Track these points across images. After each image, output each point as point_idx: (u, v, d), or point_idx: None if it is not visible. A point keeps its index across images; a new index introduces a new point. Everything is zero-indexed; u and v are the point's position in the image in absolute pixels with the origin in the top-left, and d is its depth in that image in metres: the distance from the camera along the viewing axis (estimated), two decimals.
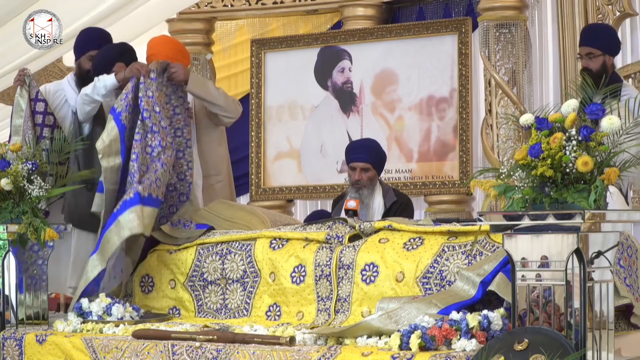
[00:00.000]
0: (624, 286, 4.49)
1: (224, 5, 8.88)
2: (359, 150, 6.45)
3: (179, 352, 4.54)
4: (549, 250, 3.74)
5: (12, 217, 5.34)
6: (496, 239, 4.56)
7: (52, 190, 5.49)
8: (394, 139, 8.20)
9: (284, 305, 5.08)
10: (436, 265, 4.69)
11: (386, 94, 8.26)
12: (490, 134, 7.65)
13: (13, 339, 5.11)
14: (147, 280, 5.57)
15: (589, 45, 6.10)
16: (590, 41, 6.11)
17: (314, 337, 4.44)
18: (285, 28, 9.02)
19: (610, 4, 7.47)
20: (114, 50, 6.21)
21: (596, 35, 6.18)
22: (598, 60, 6.06)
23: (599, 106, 3.83)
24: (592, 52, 6.07)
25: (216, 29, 9.11)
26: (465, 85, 7.87)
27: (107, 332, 4.99)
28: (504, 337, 3.80)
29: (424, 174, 8.07)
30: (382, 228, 5.01)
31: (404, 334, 4.07)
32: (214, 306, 5.33)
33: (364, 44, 8.31)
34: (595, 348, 3.72)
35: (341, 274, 4.92)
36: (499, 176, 3.97)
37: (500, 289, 4.21)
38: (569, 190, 3.76)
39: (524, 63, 7.49)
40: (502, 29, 7.56)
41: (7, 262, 5.36)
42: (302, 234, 5.20)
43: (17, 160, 5.40)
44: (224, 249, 5.38)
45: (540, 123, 3.85)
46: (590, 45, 6.10)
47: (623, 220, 3.89)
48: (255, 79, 8.68)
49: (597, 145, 3.78)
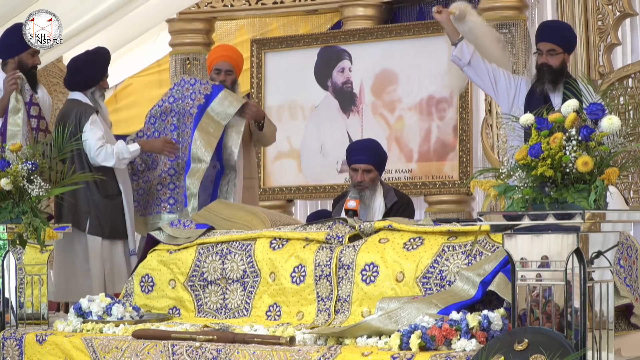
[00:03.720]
0: (624, 286, 4.49)
1: (224, 5, 8.89)
2: (360, 151, 6.44)
3: (179, 352, 4.54)
4: (549, 250, 3.74)
5: (12, 217, 5.34)
6: (496, 239, 4.56)
7: (52, 190, 5.49)
8: (394, 139, 8.20)
9: (284, 305, 5.07)
10: (436, 265, 4.69)
11: (386, 94, 8.26)
12: (490, 134, 7.65)
13: (13, 339, 5.11)
14: (147, 280, 5.57)
15: (552, 42, 6.07)
16: (554, 38, 6.08)
17: (314, 337, 4.44)
18: (285, 28, 9.03)
19: (610, 4, 7.47)
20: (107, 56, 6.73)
21: (560, 33, 6.15)
22: (559, 58, 6.05)
23: (599, 106, 3.82)
24: (555, 49, 6.05)
25: (216, 29, 9.12)
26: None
27: (107, 332, 4.99)
28: (504, 337, 3.80)
29: (424, 174, 8.08)
30: (382, 228, 5.01)
31: (404, 334, 4.07)
32: (214, 306, 5.33)
33: (364, 44, 8.32)
34: (595, 348, 3.72)
35: (341, 274, 4.92)
36: (499, 176, 3.97)
37: (500, 289, 4.21)
38: (569, 190, 3.76)
39: (524, 63, 7.49)
40: (502, 29, 7.56)
41: (7, 262, 5.36)
42: (302, 234, 5.19)
43: (17, 160, 5.40)
44: (224, 249, 5.38)
45: (540, 123, 3.85)
46: (553, 42, 6.06)
47: (623, 220, 3.89)
48: (255, 79, 8.68)
49: (597, 145, 3.78)
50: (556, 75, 5.98)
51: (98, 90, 6.62)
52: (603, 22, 7.47)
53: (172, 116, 6.74)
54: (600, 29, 7.39)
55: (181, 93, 6.75)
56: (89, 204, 6.40)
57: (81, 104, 6.53)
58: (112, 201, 6.45)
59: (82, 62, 6.64)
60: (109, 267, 6.43)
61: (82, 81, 6.58)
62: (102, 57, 6.69)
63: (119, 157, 6.39)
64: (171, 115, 6.74)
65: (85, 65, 6.61)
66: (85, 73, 6.58)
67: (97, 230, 6.40)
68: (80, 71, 6.60)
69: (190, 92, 6.71)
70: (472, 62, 6.10)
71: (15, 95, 6.26)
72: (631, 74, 7.42)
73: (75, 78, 6.62)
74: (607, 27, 7.42)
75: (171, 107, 6.75)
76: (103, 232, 6.42)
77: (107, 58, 6.73)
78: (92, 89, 6.58)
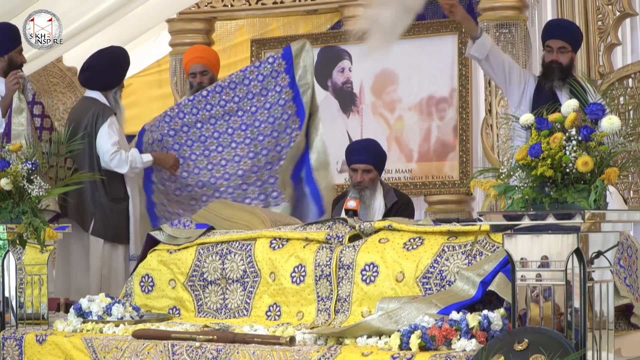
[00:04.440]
0: (624, 286, 4.49)
1: (224, 5, 8.88)
2: (360, 151, 6.45)
3: (179, 352, 4.54)
4: (549, 250, 3.74)
5: (12, 217, 5.34)
6: (496, 239, 4.56)
7: (52, 191, 5.49)
8: (394, 139, 8.20)
9: (284, 305, 5.07)
10: (436, 265, 4.69)
11: (386, 94, 8.26)
12: (490, 134, 7.64)
13: (13, 339, 5.11)
14: (147, 280, 5.57)
15: (563, 39, 6.14)
16: (565, 36, 6.16)
17: (314, 337, 4.44)
18: (285, 28, 9.02)
19: (610, 4, 7.47)
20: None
21: (571, 31, 6.24)
22: (568, 56, 6.15)
23: (599, 106, 3.83)
24: (565, 46, 6.13)
25: (216, 29, 9.11)
26: (465, 85, 7.88)
27: (107, 332, 4.99)
28: (504, 337, 3.80)
29: (424, 174, 8.08)
30: (382, 228, 5.01)
31: (404, 334, 4.07)
32: (214, 306, 5.33)
33: (364, 44, 8.31)
34: (595, 348, 3.72)
35: (341, 274, 4.92)
36: (499, 176, 3.97)
37: (500, 289, 4.21)
38: (569, 190, 3.76)
39: (524, 63, 7.48)
40: (502, 29, 7.56)
41: (7, 262, 5.36)
42: (302, 234, 5.19)
43: (17, 160, 5.40)
44: (224, 249, 5.38)
45: (540, 123, 3.85)
46: (564, 40, 6.14)
47: (623, 220, 3.89)
48: None
49: (597, 145, 3.78)
50: (565, 72, 6.07)
51: (119, 90, 6.63)
52: (603, 22, 7.46)
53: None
54: (600, 29, 7.39)
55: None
56: (95, 206, 6.41)
57: (99, 104, 6.51)
58: (118, 205, 6.45)
59: (105, 63, 6.57)
60: (107, 270, 6.43)
61: (105, 81, 6.55)
62: (125, 58, 6.67)
63: (132, 165, 6.39)
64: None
65: (109, 65, 6.57)
66: (110, 73, 6.54)
67: (101, 233, 6.41)
68: (104, 71, 6.54)
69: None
70: (489, 56, 6.16)
71: (18, 95, 6.26)
72: (631, 74, 7.42)
73: (98, 78, 6.55)
74: (607, 27, 7.42)
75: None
76: (106, 234, 6.43)
77: (129, 59, 6.73)
78: (113, 90, 6.58)
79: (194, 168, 6.79)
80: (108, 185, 6.41)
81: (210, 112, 6.78)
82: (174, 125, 6.80)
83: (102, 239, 6.43)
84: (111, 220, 6.44)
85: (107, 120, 6.41)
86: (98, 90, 6.56)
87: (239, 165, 6.78)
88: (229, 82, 6.78)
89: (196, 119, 6.80)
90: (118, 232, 6.47)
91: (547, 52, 6.17)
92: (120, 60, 6.64)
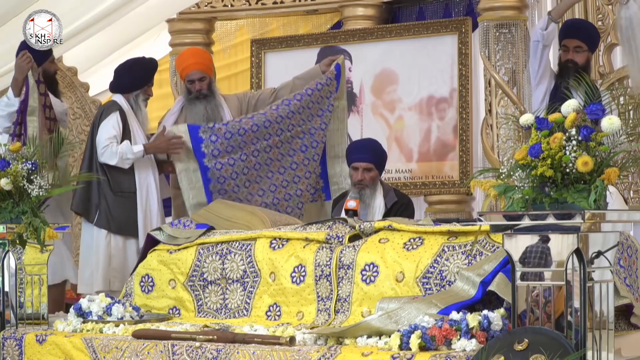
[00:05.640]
0: (624, 286, 4.49)
1: (224, 5, 8.88)
2: (361, 150, 6.44)
3: (179, 352, 4.54)
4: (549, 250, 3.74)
5: (12, 217, 5.35)
6: (496, 239, 4.56)
7: (52, 191, 5.50)
8: (394, 139, 8.19)
9: (284, 305, 5.08)
10: (436, 265, 4.69)
11: (386, 94, 8.25)
12: (490, 134, 7.64)
13: (13, 339, 5.11)
14: (147, 280, 5.57)
15: (580, 39, 6.17)
16: (582, 36, 6.19)
17: (314, 337, 4.44)
18: (285, 28, 9.02)
19: (610, 4, 7.46)
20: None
21: (588, 31, 6.28)
22: (584, 55, 6.18)
23: (599, 106, 3.83)
24: (582, 46, 6.16)
25: (216, 29, 9.11)
26: (465, 85, 7.87)
27: (107, 332, 4.99)
28: (504, 337, 3.80)
29: (424, 174, 8.07)
30: (382, 228, 5.01)
31: (404, 334, 4.07)
32: (214, 306, 5.33)
33: (364, 44, 8.30)
34: (595, 348, 3.72)
35: (341, 274, 4.92)
36: (499, 176, 3.97)
37: (500, 289, 4.21)
38: (569, 190, 3.76)
39: (524, 63, 7.48)
40: (502, 29, 7.56)
41: (7, 262, 5.36)
42: (302, 234, 5.20)
43: (17, 160, 5.40)
44: (224, 249, 5.38)
45: (540, 123, 3.85)
46: (581, 39, 6.17)
47: (623, 220, 3.89)
48: (255, 79, 8.67)
49: (597, 145, 3.78)
50: (581, 72, 6.07)
51: (142, 94, 6.66)
52: (603, 22, 7.45)
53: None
54: (600, 29, 7.38)
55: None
56: (100, 198, 6.45)
57: (110, 103, 6.60)
58: (124, 198, 6.47)
59: (127, 66, 6.72)
60: (117, 263, 6.44)
61: (124, 84, 6.64)
62: (149, 64, 6.76)
63: (122, 157, 6.40)
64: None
65: (130, 69, 6.68)
66: (129, 76, 6.64)
67: (104, 224, 6.45)
68: (124, 74, 6.67)
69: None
70: (550, 47, 6.25)
71: (32, 72, 6.40)
72: None
73: (118, 80, 6.70)
74: (607, 27, 7.41)
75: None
76: (110, 226, 6.45)
77: (154, 65, 6.81)
78: (135, 92, 6.62)
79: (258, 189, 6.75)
80: (112, 179, 6.45)
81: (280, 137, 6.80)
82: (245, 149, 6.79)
83: (106, 230, 6.44)
84: (115, 213, 6.46)
85: (107, 116, 6.48)
86: (118, 93, 6.65)
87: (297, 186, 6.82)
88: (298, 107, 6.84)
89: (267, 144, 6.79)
90: (123, 224, 6.47)
91: (563, 51, 6.22)
92: (144, 65, 6.74)
